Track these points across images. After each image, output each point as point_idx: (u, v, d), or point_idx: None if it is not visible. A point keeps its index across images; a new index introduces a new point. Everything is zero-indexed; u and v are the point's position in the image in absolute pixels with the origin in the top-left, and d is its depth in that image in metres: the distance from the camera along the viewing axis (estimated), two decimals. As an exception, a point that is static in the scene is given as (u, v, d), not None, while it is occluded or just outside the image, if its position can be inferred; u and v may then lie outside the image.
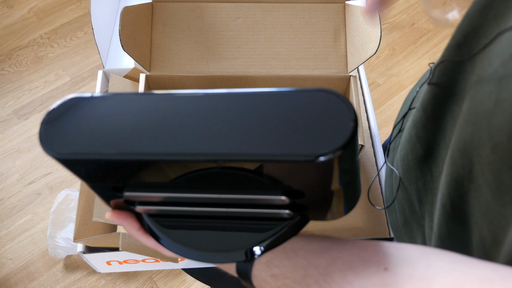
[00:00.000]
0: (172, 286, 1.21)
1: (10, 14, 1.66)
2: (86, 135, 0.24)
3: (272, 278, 0.31)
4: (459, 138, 0.34)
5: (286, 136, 0.22)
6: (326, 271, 0.28)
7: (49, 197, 1.32)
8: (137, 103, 0.25)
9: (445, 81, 0.40)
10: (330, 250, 0.30)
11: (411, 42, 1.66)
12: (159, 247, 0.33)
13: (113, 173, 0.26)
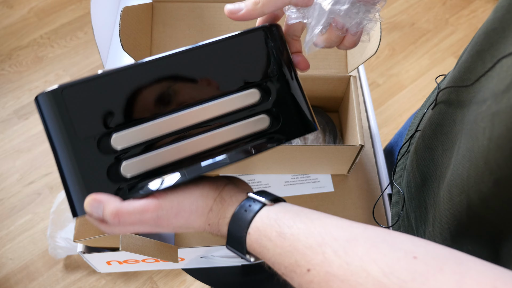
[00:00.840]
0: (172, 286, 1.21)
1: (10, 14, 1.66)
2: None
3: (280, 236, 0.31)
4: (456, 173, 0.35)
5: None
6: (348, 244, 0.28)
7: (49, 197, 1.32)
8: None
9: (443, 111, 0.41)
10: (350, 227, 0.29)
11: (411, 42, 1.66)
12: (150, 203, 0.32)
13: (101, 108, 0.31)
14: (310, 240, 0.29)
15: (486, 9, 1.75)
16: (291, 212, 0.32)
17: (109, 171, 0.32)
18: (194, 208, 0.34)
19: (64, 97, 0.31)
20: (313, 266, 0.28)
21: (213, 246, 0.61)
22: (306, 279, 0.28)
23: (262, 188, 0.68)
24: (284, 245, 0.30)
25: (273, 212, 0.32)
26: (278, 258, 0.31)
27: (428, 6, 1.76)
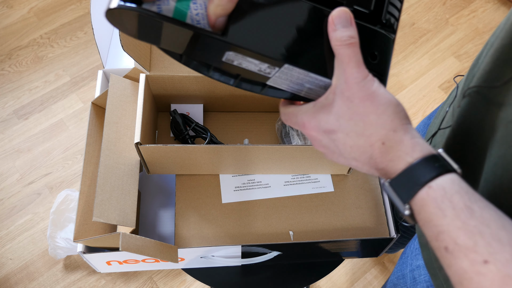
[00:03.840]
0: (172, 286, 1.21)
1: (10, 14, 1.66)
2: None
3: (467, 210, 0.27)
4: (489, 180, 0.33)
5: None
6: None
7: (49, 197, 1.32)
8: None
9: (472, 114, 0.39)
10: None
11: (411, 42, 1.66)
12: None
13: None
14: (501, 234, 0.26)
15: (486, 9, 1.75)
16: (478, 194, 0.29)
17: None
18: (387, 111, 0.31)
19: None
20: (494, 261, 0.25)
21: (213, 246, 0.61)
22: (477, 269, 0.26)
23: (262, 188, 0.68)
24: (468, 222, 0.27)
25: (463, 183, 0.29)
26: (453, 231, 0.27)
27: (428, 6, 1.76)
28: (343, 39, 0.31)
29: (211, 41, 0.32)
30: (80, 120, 1.46)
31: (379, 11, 0.35)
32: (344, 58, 0.31)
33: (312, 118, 0.34)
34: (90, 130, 0.65)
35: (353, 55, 0.31)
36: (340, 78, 0.32)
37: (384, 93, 0.31)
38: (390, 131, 0.31)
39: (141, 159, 0.62)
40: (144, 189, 0.74)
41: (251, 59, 0.33)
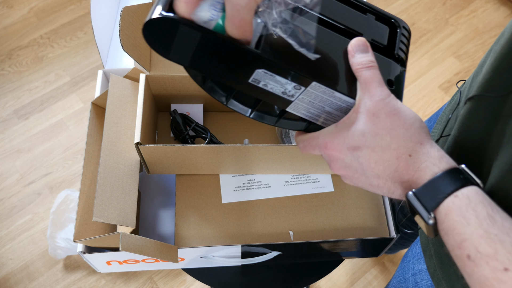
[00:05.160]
0: (172, 286, 1.21)
1: (10, 14, 1.66)
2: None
3: (489, 219, 0.28)
4: (498, 185, 0.34)
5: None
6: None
7: (49, 197, 1.32)
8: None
9: (476, 122, 0.40)
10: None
11: (411, 42, 1.66)
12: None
13: None
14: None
15: (486, 9, 1.75)
16: (498, 206, 0.30)
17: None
18: (413, 125, 0.32)
19: None
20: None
21: (213, 246, 0.61)
22: (498, 276, 0.26)
23: (262, 188, 0.68)
24: (490, 230, 0.28)
25: (485, 195, 0.30)
26: (475, 239, 0.28)
27: (428, 6, 1.76)
28: (364, 62, 0.34)
29: (245, 57, 0.33)
30: (80, 120, 1.46)
31: (392, 47, 0.40)
32: (367, 78, 0.33)
33: (335, 137, 0.35)
34: (90, 130, 0.65)
35: (375, 76, 0.33)
36: (364, 96, 0.33)
37: (408, 110, 0.33)
38: (417, 144, 0.32)
39: (141, 159, 0.62)
40: (144, 189, 0.74)
41: (280, 78, 0.34)
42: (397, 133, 0.32)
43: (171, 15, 0.30)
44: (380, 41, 0.39)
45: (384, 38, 0.40)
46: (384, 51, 0.39)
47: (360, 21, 0.39)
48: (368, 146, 0.33)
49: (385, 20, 0.41)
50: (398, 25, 0.40)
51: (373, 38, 0.39)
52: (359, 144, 0.33)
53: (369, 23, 0.39)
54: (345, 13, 0.38)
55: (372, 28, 0.39)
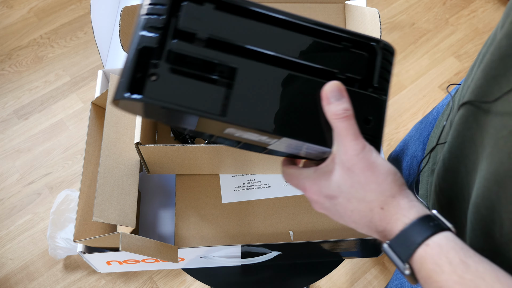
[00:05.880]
0: (172, 286, 1.21)
1: (10, 14, 1.66)
2: None
3: (462, 265, 0.29)
4: (483, 196, 0.35)
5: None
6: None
7: (49, 197, 1.32)
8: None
9: (462, 133, 0.41)
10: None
11: (411, 42, 1.66)
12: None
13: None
14: (496, 286, 0.28)
15: (486, 9, 1.75)
16: (471, 249, 0.31)
17: None
18: (387, 180, 0.33)
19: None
20: None
21: (213, 246, 0.61)
22: None
23: (262, 188, 0.68)
24: (464, 276, 0.29)
25: (457, 239, 0.31)
26: (451, 285, 0.29)
27: (428, 6, 1.76)
28: (338, 112, 0.33)
29: (211, 122, 0.33)
30: (80, 120, 1.46)
31: (370, 76, 0.37)
32: (341, 131, 0.33)
33: (314, 184, 0.36)
34: (90, 130, 0.65)
35: (350, 127, 0.33)
36: (340, 149, 0.34)
37: (383, 163, 0.34)
38: (389, 197, 0.33)
39: (141, 159, 0.62)
40: (144, 189, 0.74)
41: (251, 133, 0.35)
42: (370, 187, 0.33)
43: (136, 97, 0.31)
44: (356, 74, 0.36)
45: (361, 68, 0.37)
46: (362, 83, 0.37)
47: (333, 55, 0.36)
48: (344, 196, 0.34)
49: (363, 45, 0.37)
50: (376, 49, 0.37)
51: (348, 72, 0.36)
52: (335, 194, 0.34)
53: (343, 55, 0.36)
54: (316, 48, 0.36)
55: (347, 60, 0.36)
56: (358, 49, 0.37)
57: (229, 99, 0.33)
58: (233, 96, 0.33)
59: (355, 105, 0.35)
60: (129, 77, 0.31)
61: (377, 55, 0.37)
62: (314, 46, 0.36)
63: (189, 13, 0.33)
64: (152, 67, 0.32)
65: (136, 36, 0.32)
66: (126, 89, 0.31)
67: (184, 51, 0.33)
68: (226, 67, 0.33)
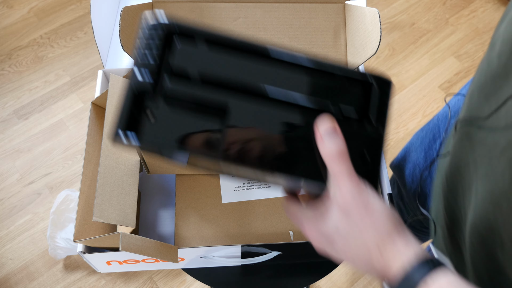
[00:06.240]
0: (172, 286, 1.21)
1: (10, 14, 1.66)
2: None
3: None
4: (481, 216, 0.35)
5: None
6: None
7: (49, 197, 1.32)
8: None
9: (458, 152, 0.41)
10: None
11: (411, 42, 1.66)
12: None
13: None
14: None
15: (486, 9, 1.75)
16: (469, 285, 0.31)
17: None
18: (382, 219, 0.33)
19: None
20: None
21: (213, 246, 0.61)
22: None
23: (262, 188, 0.68)
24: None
25: (453, 276, 0.31)
26: None
27: (428, 6, 1.76)
28: (332, 152, 0.33)
29: (207, 160, 0.34)
30: (80, 120, 1.46)
31: (366, 110, 0.36)
32: (335, 171, 0.33)
33: (312, 224, 0.36)
34: (90, 130, 0.65)
35: (344, 168, 0.33)
36: (335, 189, 0.34)
37: (378, 203, 0.34)
38: (385, 236, 0.33)
39: (141, 159, 0.62)
40: (144, 189, 0.74)
41: (246, 169, 0.35)
42: (366, 227, 0.33)
43: (133, 140, 0.32)
44: (351, 109, 0.35)
45: (356, 103, 0.36)
46: (358, 119, 0.36)
47: (327, 90, 0.35)
48: (341, 236, 0.34)
49: (358, 79, 0.36)
50: (372, 82, 0.36)
51: (343, 107, 0.35)
52: (333, 234, 0.35)
53: (337, 90, 0.35)
54: (309, 84, 0.35)
55: (341, 96, 0.35)
56: (353, 83, 0.36)
57: (223, 136, 0.33)
58: (226, 133, 0.33)
59: (350, 142, 0.34)
60: (125, 116, 0.32)
61: (373, 89, 0.36)
62: (308, 82, 0.35)
63: (181, 52, 0.33)
64: (146, 106, 0.32)
65: (131, 75, 0.33)
66: (123, 128, 0.32)
67: (178, 90, 0.33)
68: (219, 105, 0.33)
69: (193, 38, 0.34)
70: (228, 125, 0.33)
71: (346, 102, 0.35)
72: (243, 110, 0.34)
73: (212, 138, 0.33)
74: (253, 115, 0.34)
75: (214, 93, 0.33)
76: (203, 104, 0.33)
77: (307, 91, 0.35)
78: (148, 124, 0.32)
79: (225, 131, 0.33)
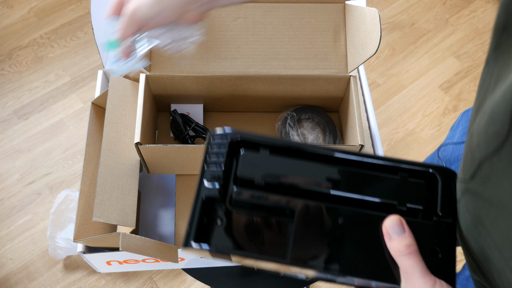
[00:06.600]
0: (172, 286, 1.21)
1: (10, 14, 1.66)
2: None
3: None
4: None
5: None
6: None
7: (49, 197, 1.32)
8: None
9: (483, 182, 0.41)
10: None
11: (411, 42, 1.66)
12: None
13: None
14: None
15: (486, 9, 1.75)
16: None
17: None
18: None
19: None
20: None
21: (213, 246, 0.61)
22: None
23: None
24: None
25: None
26: None
27: (428, 6, 1.76)
28: (401, 249, 0.32)
29: (275, 264, 0.34)
30: (80, 120, 1.46)
31: (433, 203, 0.36)
32: (406, 269, 0.32)
33: None
34: (90, 130, 0.65)
35: (416, 265, 0.32)
36: (408, 287, 0.33)
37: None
38: None
39: (141, 159, 0.62)
40: (144, 189, 0.74)
41: (315, 272, 0.35)
42: None
43: (204, 246, 0.33)
44: (417, 204, 0.35)
45: (421, 198, 0.35)
46: (425, 213, 0.35)
47: (391, 187, 0.35)
48: None
49: (421, 173, 0.36)
50: (435, 174, 0.36)
51: (408, 203, 0.35)
52: None
53: (401, 186, 0.35)
54: (372, 182, 0.35)
55: (406, 191, 0.35)
56: (416, 177, 0.36)
57: (290, 241, 0.34)
58: (294, 238, 0.34)
59: (419, 238, 0.33)
60: (195, 226, 0.33)
61: (437, 181, 0.36)
62: (370, 180, 0.35)
63: (246, 160, 0.35)
64: (216, 214, 0.34)
65: (199, 185, 0.35)
66: (193, 238, 0.33)
67: (245, 197, 0.34)
68: (285, 210, 0.34)
69: (257, 146, 0.36)
70: (295, 228, 0.34)
71: (411, 198, 0.35)
72: (308, 212, 0.34)
73: (279, 241, 0.34)
74: (318, 216, 0.34)
75: (279, 196, 0.35)
76: (270, 209, 0.35)
77: (370, 188, 0.35)
78: (218, 230, 0.34)
79: (293, 234, 0.34)
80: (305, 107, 0.76)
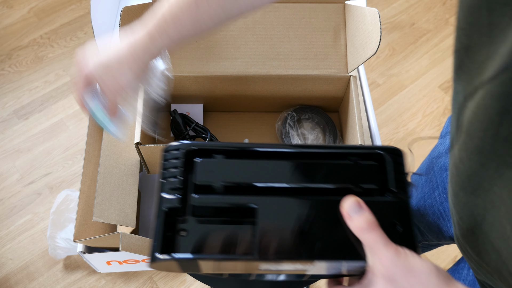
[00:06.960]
0: (172, 286, 1.21)
1: (10, 14, 1.66)
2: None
3: None
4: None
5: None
6: None
7: (49, 197, 1.32)
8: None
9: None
10: None
11: (411, 42, 1.66)
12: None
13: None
14: None
15: (486, 9, 1.75)
16: None
17: None
18: (431, 279, 0.33)
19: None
20: None
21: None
22: None
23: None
24: None
25: None
26: None
27: (428, 6, 1.76)
28: (362, 225, 0.34)
29: (246, 263, 0.35)
30: (80, 120, 1.46)
31: (385, 181, 0.38)
32: (370, 242, 0.33)
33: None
34: (90, 130, 0.65)
35: (378, 237, 0.33)
36: (374, 260, 0.34)
37: (422, 263, 0.33)
38: None
39: (141, 159, 0.62)
40: (144, 189, 0.74)
41: (285, 264, 0.36)
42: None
43: (170, 256, 0.33)
44: (371, 183, 0.37)
45: (374, 177, 0.37)
46: (379, 191, 0.37)
47: (343, 172, 0.37)
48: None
49: (369, 155, 0.38)
50: (383, 155, 0.38)
51: (362, 184, 0.37)
52: None
53: (353, 169, 0.37)
54: (325, 170, 0.37)
55: (358, 173, 0.37)
56: (366, 160, 0.38)
57: (256, 237, 0.34)
58: (259, 234, 0.34)
59: (378, 214, 0.35)
60: (160, 239, 0.34)
61: (386, 160, 0.38)
62: (324, 168, 0.37)
63: (202, 167, 0.36)
64: (179, 224, 0.34)
65: (159, 199, 0.35)
66: (159, 251, 0.33)
67: (206, 203, 0.35)
68: (246, 209, 0.35)
69: (210, 152, 0.37)
70: (258, 225, 0.35)
71: (364, 179, 0.37)
72: (269, 207, 0.35)
73: (245, 239, 0.34)
74: (279, 210, 0.35)
75: (239, 197, 0.35)
76: (232, 210, 0.35)
77: (324, 176, 0.37)
78: (183, 239, 0.34)
79: (257, 230, 0.34)
80: (305, 107, 0.76)
